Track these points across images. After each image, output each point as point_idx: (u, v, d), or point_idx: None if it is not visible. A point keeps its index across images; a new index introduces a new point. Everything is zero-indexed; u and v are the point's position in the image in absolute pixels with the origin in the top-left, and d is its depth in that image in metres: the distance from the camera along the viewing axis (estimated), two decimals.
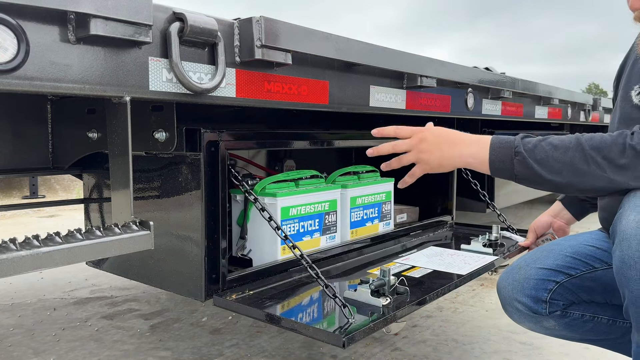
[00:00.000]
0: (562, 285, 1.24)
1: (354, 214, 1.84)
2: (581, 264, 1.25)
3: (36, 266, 0.82)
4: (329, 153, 2.48)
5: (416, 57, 1.67)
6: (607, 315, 1.27)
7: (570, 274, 1.24)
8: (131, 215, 1.03)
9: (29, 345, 1.96)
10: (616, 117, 1.31)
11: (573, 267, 1.25)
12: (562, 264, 1.25)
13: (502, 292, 1.31)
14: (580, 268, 1.25)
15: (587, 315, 1.27)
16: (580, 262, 1.25)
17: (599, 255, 1.26)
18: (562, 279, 1.24)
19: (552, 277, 1.24)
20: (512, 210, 4.83)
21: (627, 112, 1.24)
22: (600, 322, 1.28)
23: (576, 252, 1.27)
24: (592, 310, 1.27)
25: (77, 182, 5.78)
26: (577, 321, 1.27)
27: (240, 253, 1.60)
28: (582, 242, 1.31)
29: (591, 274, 1.24)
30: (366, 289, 1.26)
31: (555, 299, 1.24)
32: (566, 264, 1.25)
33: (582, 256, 1.26)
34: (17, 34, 0.78)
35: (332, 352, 1.88)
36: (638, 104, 1.21)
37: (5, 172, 1.52)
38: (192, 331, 2.09)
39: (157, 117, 1.24)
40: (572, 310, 1.26)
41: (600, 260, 1.25)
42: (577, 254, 1.27)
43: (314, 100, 1.37)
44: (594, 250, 1.27)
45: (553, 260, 1.27)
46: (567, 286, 1.24)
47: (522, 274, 1.27)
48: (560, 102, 2.98)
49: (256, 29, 1.12)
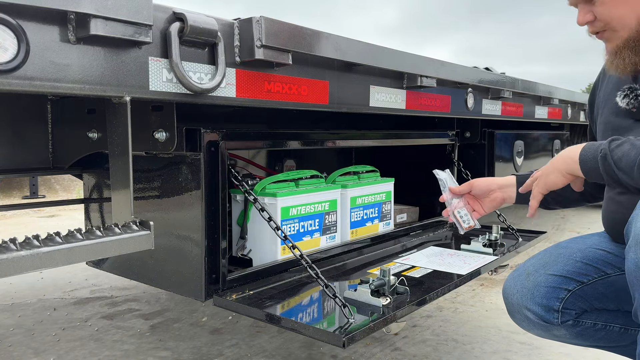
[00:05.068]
0: (574, 293, 1.20)
1: (354, 214, 1.84)
2: (592, 269, 1.22)
3: (36, 266, 0.82)
4: (329, 153, 2.48)
5: (416, 57, 1.67)
6: (619, 324, 1.24)
7: (582, 281, 1.21)
8: (131, 215, 1.03)
9: (29, 345, 1.96)
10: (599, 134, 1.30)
11: (584, 273, 1.21)
12: (572, 270, 1.22)
13: (509, 299, 1.28)
14: (592, 274, 1.21)
15: (600, 323, 1.24)
16: (591, 267, 1.22)
17: (610, 260, 1.23)
18: (574, 286, 1.20)
19: (563, 284, 1.21)
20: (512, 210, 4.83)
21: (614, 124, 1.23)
22: (612, 330, 1.24)
23: (586, 257, 1.24)
24: (604, 318, 1.24)
25: (77, 182, 5.78)
26: (589, 330, 1.24)
27: (240, 253, 1.60)
28: (592, 245, 1.27)
29: (603, 280, 1.21)
30: (366, 289, 1.26)
31: (568, 307, 1.20)
32: (577, 270, 1.22)
33: (593, 261, 1.23)
34: (17, 34, 0.78)
35: (332, 352, 1.88)
36: (626, 107, 1.20)
37: (5, 172, 1.52)
38: (192, 331, 2.09)
39: (157, 117, 1.24)
40: (584, 318, 1.22)
41: (612, 265, 1.22)
42: (587, 259, 1.23)
43: (314, 100, 1.37)
44: (605, 255, 1.24)
45: (563, 265, 1.23)
46: (579, 294, 1.20)
47: (531, 280, 1.24)
48: (560, 102, 2.98)
49: (256, 29, 1.12)
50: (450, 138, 2.27)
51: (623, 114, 1.22)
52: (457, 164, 2.25)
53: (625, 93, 1.20)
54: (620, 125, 1.22)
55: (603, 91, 1.33)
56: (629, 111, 1.20)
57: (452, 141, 2.28)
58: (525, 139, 2.77)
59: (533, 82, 2.57)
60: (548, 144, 3.12)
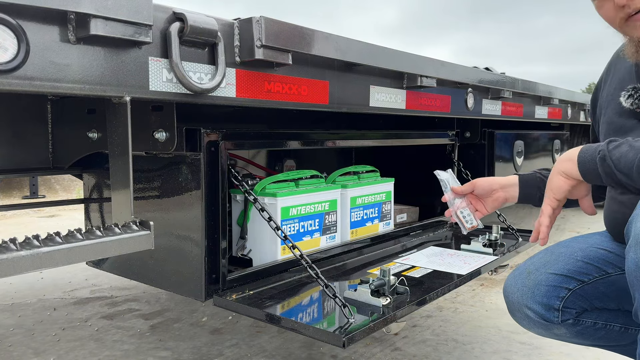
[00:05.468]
0: (575, 292, 1.20)
1: (354, 214, 1.84)
2: (593, 269, 1.21)
3: (36, 266, 0.82)
4: (329, 153, 2.48)
5: (416, 57, 1.67)
6: (620, 323, 1.24)
7: (582, 280, 1.20)
8: (131, 215, 1.03)
9: (29, 345, 1.96)
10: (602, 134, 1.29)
11: (585, 272, 1.21)
12: (573, 269, 1.22)
13: (510, 297, 1.28)
14: (593, 274, 1.21)
15: (600, 323, 1.24)
16: (592, 267, 1.22)
17: (611, 260, 1.22)
18: (574, 285, 1.20)
19: (564, 283, 1.20)
20: (512, 210, 4.81)
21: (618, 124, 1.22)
22: (612, 329, 1.24)
23: (587, 256, 1.23)
24: (604, 317, 1.24)
25: (77, 182, 5.78)
26: (589, 329, 1.24)
27: (240, 253, 1.60)
28: (593, 244, 1.27)
29: (604, 279, 1.21)
30: (366, 289, 1.26)
31: (568, 306, 1.20)
32: (578, 269, 1.22)
33: (594, 260, 1.22)
34: (17, 34, 0.78)
35: (332, 352, 1.88)
36: (630, 107, 1.19)
37: (5, 172, 1.52)
38: (192, 331, 2.09)
39: (157, 117, 1.24)
40: (584, 318, 1.22)
41: (613, 264, 1.22)
42: (588, 258, 1.23)
43: (314, 100, 1.37)
44: (606, 254, 1.24)
45: (564, 264, 1.23)
46: (580, 293, 1.20)
47: (532, 279, 1.24)
48: (560, 102, 2.98)
49: (256, 29, 1.12)
50: (450, 138, 2.27)
51: (627, 114, 1.20)
52: (457, 164, 2.25)
53: (629, 93, 1.19)
54: (623, 126, 1.21)
55: (606, 91, 1.32)
56: (633, 111, 1.19)
57: (452, 141, 2.28)
58: (525, 139, 2.77)
59: (533, 82, 2.57)
60: (548, 144, 3.12)
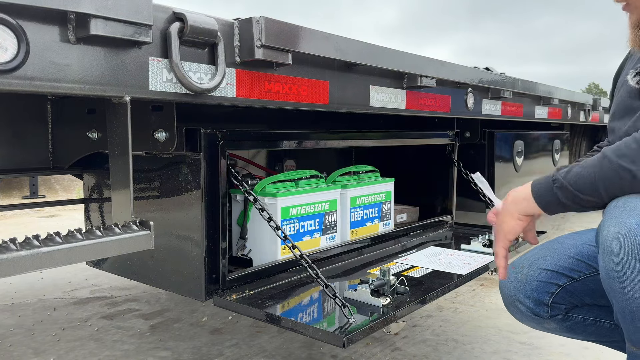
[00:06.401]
0: (565, 288, 1.21)
1: (354, 214, 1.84)
2: (584, 265, 1.22)
3: (36, 266, 0.82)
4: (329, 153, 2.48)
5: (416, 57, 1.67)
6: (610, 320, 1.24)
7: (572, 277, 1.21)
8: (131, 215, 1.03)
9: (29, 345, 1.96)
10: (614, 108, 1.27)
11: (576, 269, 1.22)
12: (565, 265, 1.23)
13: (504, 290, 1.30)
14: (583, 270, 1.22)
15: (590, 319, 1.25)
16: (583, 264, 1.22)
17: None
18: (564, 282, 1.21)
19: (554, 279, 1.22)
20: None
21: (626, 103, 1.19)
22: (602, 326, 1.25)
23: (579, 253, 1.24)
24: (594, 314, 1.25)
25: (77, 182, 5.78)
26: (579, 325, 1.25)
27: (240, 253, 1.60)
28: (586, 241, 1.27)
29: (594, 276, 1.21)
30: (366, 289, 1.26)
31: (558, 302, 1.21)
32: (569, 265, 1.23)
33: (586, 257, 1.23)
34: (17, 34, 0.78)
35: (332, 352, 1.88)
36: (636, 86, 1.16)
37: (5, 172, 1.52)
38: (192, 331, 2.09)
39: (157, 117, 1.24)
40: (574, 313, 1.24)
41: None
42: (580, 255, 1.24)
43: (314, 100, 1.37)
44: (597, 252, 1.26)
45: (556, 260, 1.24)
46: (570, 289, 1.21)
47: (524, 274, 1.25)
48: (560, 102, 2.98)
49: (256, 29, 1.12)
50: (450, 138, 2.27)
51: (634, 94, 1.17)
52: (457, 164, 2.25)
53: (637, 71, 1.17)
54: (631, 106, 1.18)
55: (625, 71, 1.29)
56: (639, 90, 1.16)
57: (452, 141, 2.28)
58: (525, 139, 2.77)
59: (533, 82, 2.57)
60: (548, 144, 3.12)
